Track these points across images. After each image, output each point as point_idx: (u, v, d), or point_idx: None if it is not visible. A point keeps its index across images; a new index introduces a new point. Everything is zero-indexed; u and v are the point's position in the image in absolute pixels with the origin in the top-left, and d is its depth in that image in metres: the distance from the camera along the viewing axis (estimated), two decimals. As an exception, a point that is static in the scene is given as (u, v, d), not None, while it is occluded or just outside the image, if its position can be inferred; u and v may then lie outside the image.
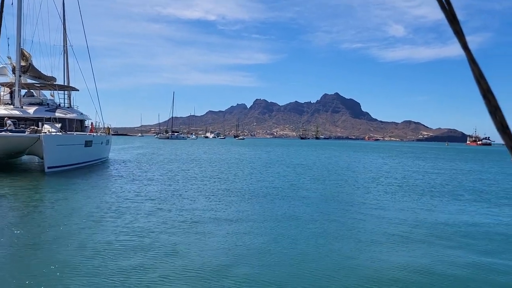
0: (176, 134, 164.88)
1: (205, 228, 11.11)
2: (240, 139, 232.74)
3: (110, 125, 40.70)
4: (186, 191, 18.06)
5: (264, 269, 8.00)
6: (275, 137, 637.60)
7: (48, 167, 23.51)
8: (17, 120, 26.73)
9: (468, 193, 19.78)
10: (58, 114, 29.07)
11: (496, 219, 13.35)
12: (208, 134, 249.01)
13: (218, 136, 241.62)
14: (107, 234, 10.25)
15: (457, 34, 0.87)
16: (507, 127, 0.87)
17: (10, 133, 23.87)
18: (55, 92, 33.30)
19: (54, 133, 24.87)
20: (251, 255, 8.86)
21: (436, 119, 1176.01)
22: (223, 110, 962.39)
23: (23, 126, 26.15)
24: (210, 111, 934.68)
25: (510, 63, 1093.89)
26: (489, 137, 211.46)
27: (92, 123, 35.87)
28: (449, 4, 0.88)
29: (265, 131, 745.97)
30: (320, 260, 8.64)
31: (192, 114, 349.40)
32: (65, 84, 37.68)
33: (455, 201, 17.16)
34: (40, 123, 25.92)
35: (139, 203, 14.82)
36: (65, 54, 39.02)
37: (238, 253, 9.01)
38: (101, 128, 36.95)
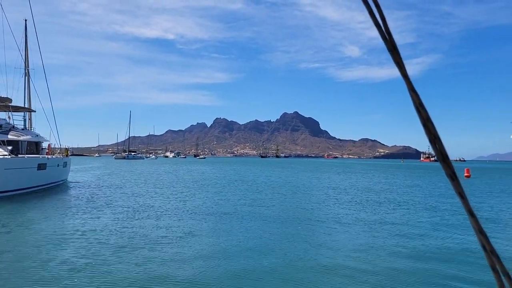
0: (133, 154, 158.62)
1: (170, 250, 10.70)
2: (201, 158, 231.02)
3: (68, 146, 39.24)
4: (145, 215, 17.45)
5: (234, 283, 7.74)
6: (236, 155, 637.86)
7: None
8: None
9: (417, 206, 20.37)
10: (11, 136, 27.70)
11: (443, 231, 13.77)
12: (168, 154, 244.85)
13: (178, 156, 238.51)
14: (56, 262, 9.64)
15: (397, 64, 0.89)
16: (446, 156, 0.88)
17: None
18: (11, 113, 31.78)
19: (2, 157, 23.62)
20: (219, 273, 8.58)
21: (392, 137, 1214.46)
22: (183, 129, 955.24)
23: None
24: (169, 130, 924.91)
25: (457, 83, 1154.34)
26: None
27: (49, 144, 34.41)
28: (390, 35, 0.90)
29: (225, 150, 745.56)
30: (289, 274, 8.50)
31: (151, 133, 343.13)
32: (27, 106, 36.41)
33: (409, 214, 17.56)
34: None
35: (91, 229, 14.13)
36: (26, 77, 38.18)
37: (205, 272, 8.69)
38: (58, 149, 35.53)
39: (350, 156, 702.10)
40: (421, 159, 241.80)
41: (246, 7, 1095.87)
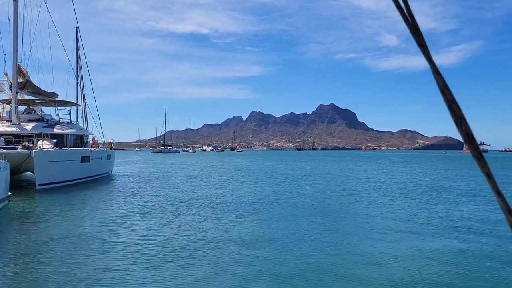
0: (169, 148, 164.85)
1: (217, 235, 10.29)
2: (238, 151, 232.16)
3: (112, 140, 40.16)
4: (185, 207, 17.19)
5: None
6: (272, 148, 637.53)
7: (39, 184, 22.57)
8: (13, 137, 25.88)
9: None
10: (57, 130, 28.33)
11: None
12: (205, 147, 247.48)
13: (215, 149, 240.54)
14: (109, 250, 9.44)
15: (421, 46, 0.88)
16: (472, 137, 0.87)
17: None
18: (57, 107, 32.70)
19: (46, 149, 23.99)
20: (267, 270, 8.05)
21: (432, 127, 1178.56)
22: (219, 123, 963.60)
23: (20, 143, 25.31)
24: (206, 124, 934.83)
25: (503, 69, 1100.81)
26: (483, 142, 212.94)
27: (93, 138, 35.14)
28: (412, 17, 0.88)
29: (261, 143, 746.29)
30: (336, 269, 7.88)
31: (188, 127, 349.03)
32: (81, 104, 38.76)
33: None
34: (34, 139, 25.10)
35: (132, 220, 14.05)
36: (78, 79, 41.20)
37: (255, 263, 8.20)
38: (102, 143, 36.24)
39: (389, 147, 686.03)
40: (464, 149, 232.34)
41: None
